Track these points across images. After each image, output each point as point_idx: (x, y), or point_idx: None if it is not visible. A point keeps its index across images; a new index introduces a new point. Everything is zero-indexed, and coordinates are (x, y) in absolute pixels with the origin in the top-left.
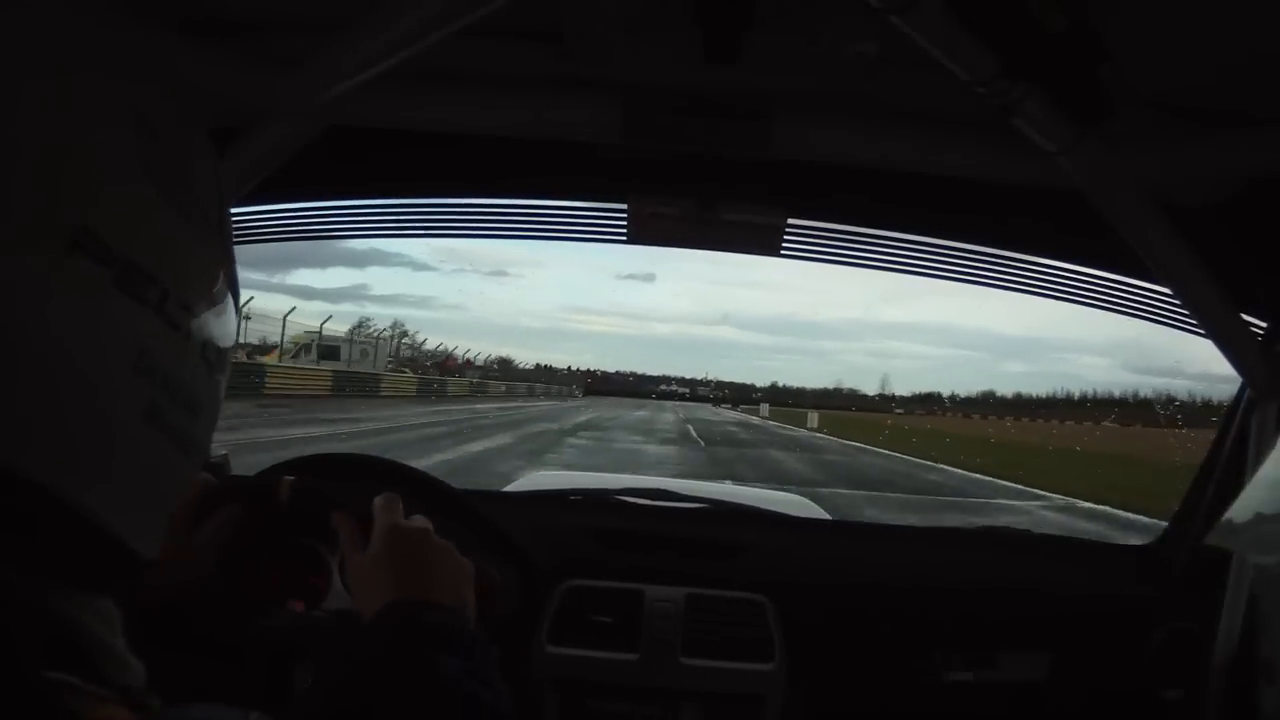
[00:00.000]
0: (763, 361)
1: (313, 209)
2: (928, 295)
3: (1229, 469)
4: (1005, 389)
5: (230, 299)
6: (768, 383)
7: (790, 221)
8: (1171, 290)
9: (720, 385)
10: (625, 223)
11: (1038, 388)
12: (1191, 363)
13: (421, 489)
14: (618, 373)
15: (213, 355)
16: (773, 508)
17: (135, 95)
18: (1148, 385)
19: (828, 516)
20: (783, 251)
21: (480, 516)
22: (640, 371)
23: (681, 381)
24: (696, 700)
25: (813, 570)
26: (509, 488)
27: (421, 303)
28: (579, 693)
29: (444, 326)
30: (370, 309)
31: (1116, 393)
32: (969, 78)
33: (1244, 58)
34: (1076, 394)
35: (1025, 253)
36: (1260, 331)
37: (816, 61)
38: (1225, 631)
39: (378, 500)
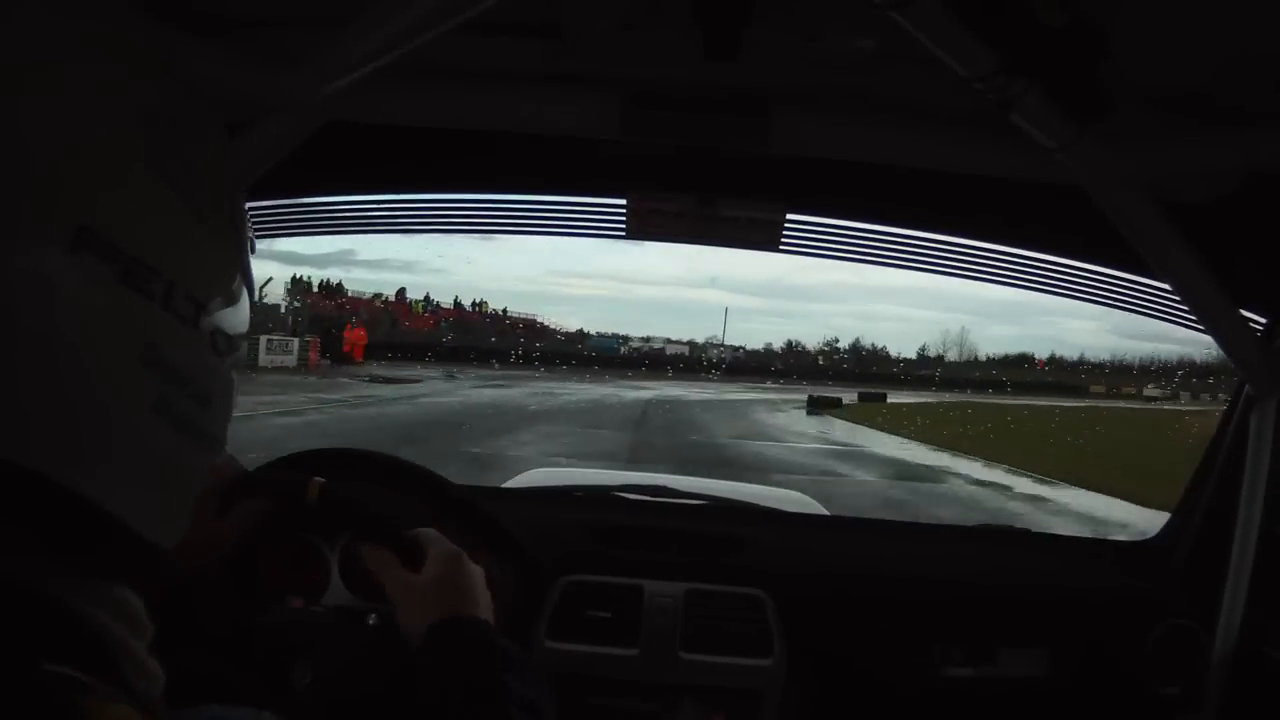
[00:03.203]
0: (750, 324)
1: (312, 204)
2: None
3: (1228, 465)
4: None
5: (243, 289)
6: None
7: (789, 217)
8: (1171, 286)
9: (737, 351)
10: (624, 218)
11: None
12: (1176, 328)
13: (423, 485)
14: (580, 331)
15: (223, 345)
16: (771, 504)
17: (141, 90)
18: (1135, 350)
19: (826, 512)
20: (782, 246)
21: (480, 512)
22: (626, 333)
23: (674, 345)
24: (696, 695)
25: (812, 566)
26: (508, 484)
27: (407, 267)
28: (578, 688)
29: (433, 291)
30: (356, 274)
31: (1106, 357)
32: (968, 73)
33: (1244, 54)
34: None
35: (1025, 248)
36: (1259, 328)
37: (816, 57)
38: (1225, 627)
39: (428, 531)
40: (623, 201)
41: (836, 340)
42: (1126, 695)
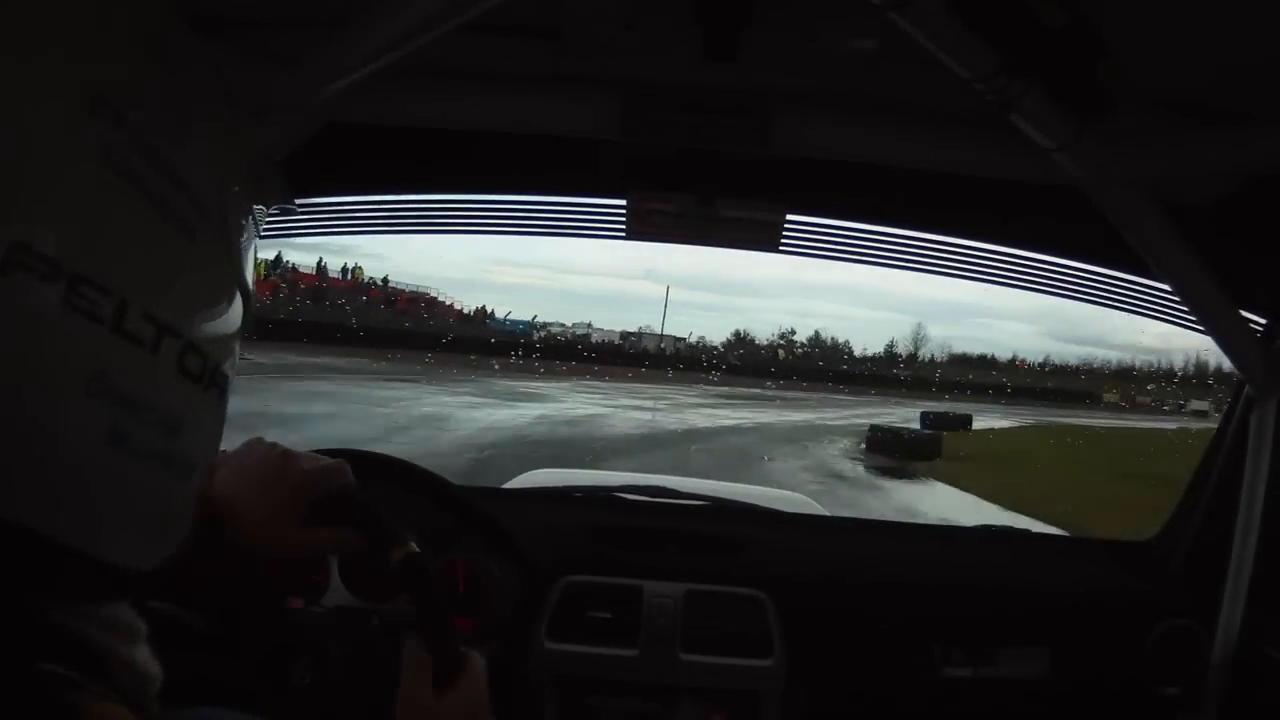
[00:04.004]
0: (683, 317)
1: (310, 205)
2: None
3: (1228, 465)
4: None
5: (231, 304)
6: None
7: (789, 217)
8: (1170, 287)
9: (678, 342)
10: (624, 219)
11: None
12: (1115, 333)
13: (422, 486)
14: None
15: (194, 366)
16: (771, 505)
17: (89, 72)
18: (1072, 354)
19: (826, 513)
20: (781, 247)
21: (480, 513)
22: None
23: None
24: (695, 696)
25: (811, 566)
26: (508, 484)
27: (344, 250)
28: (578, 689)
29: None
30: (292, 256)
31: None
32: (968, 74)
33: (1243, 55)
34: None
35: (1024, 249)
36: (1259, 329)
37: (815, 58)
38: (1224, 628)
39: (477, 658)
40: (622, 202)
41: (793, 332)
42: (1126, 696)
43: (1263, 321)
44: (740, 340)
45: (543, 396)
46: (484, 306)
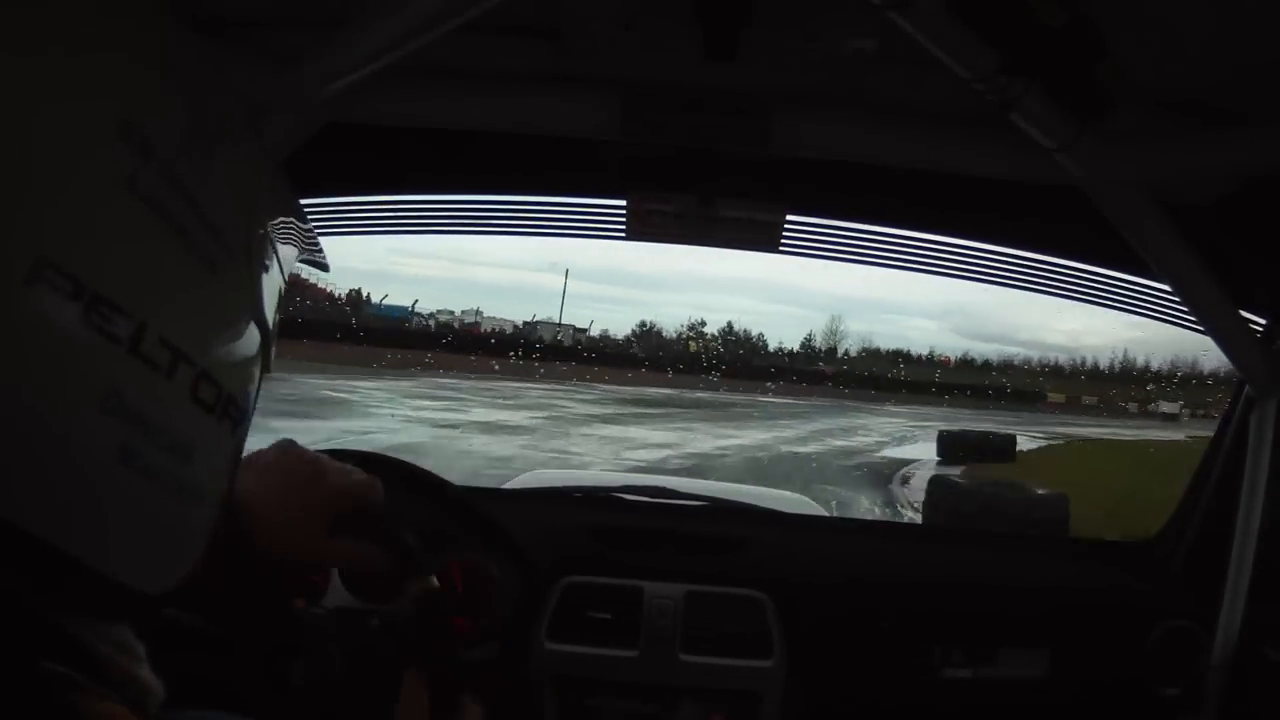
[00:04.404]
0: (584, 310)
1: (311, 205)
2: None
3: (1228, 466)
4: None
5: (244, 331)
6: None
7: (789, 217)
8: (1170, 287)
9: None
10: (624, 219)
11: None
12: (1020, 330)
13: (421, 486)
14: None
15: (208, 395)
16: (771, 505)
17: (123, 102)
18: (978, 350)
19: (826, 514)
20: (781, 247)
21: (479, 514)
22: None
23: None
24: (695, 696)
25: (811, 567)
26: (508, 485)
27: None
28: (578, 689)
29: None
30: None
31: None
32: (968, 74)
33: (1244, 56)
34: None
35: (1024, 249)
36: (1259, 329)
37: (815, 58)
38: (1225, 628)
39: (472, 706)
40: (622, 202)
41: (704, 324)
42: (1127, 696)
43: (1263, 321)
44: (646, 331)
45: (343, 405)
46: (359, 290)
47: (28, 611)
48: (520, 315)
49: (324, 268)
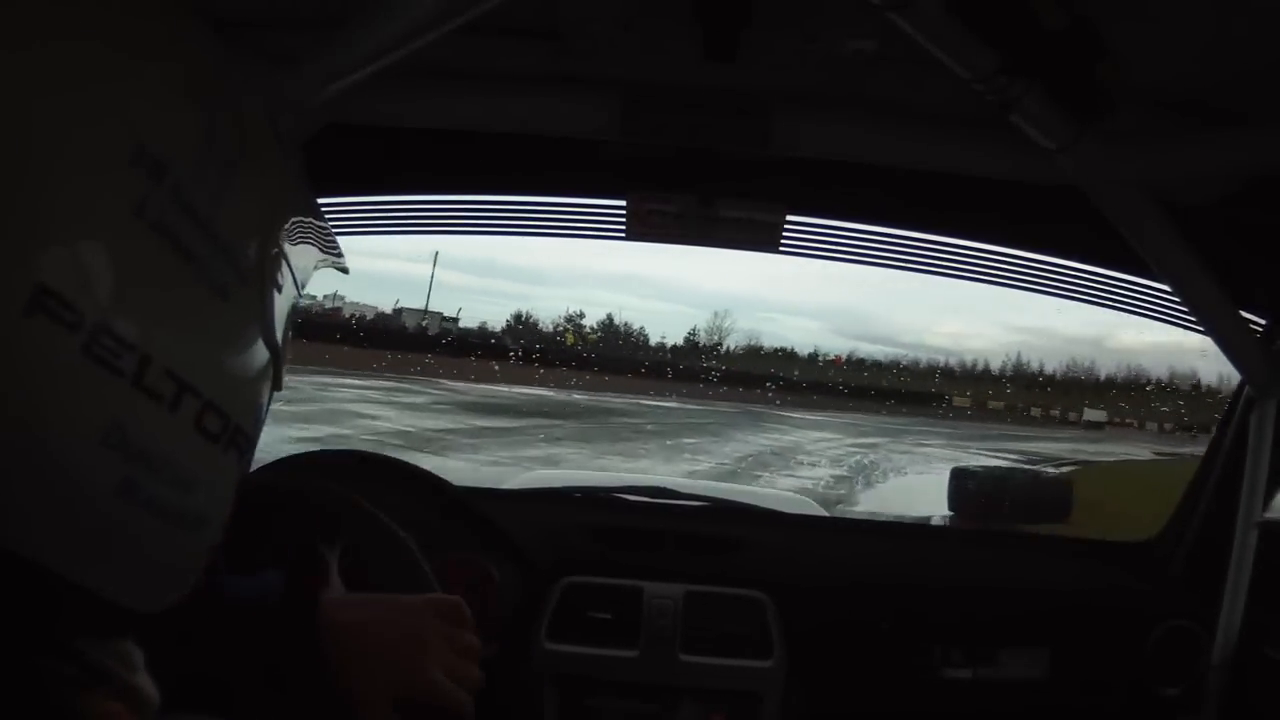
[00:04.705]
0: (466, 303)
1: None
2: (635, 246)
3: (1228, 466)
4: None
5: (254, 359)
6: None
7: (789, 217)
8: (1170, 288)
9: (448, 322)
10: (624, 219)
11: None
12: (903, 333)
13: (421, 487)
14: None
15: (213, 426)
16: (771, 506)
17: (133, 123)
18: (864, 351)
19: (826, 514)
20: (781, 247)
21: (479, 514)
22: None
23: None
24: (695, 697)
25: (812, 567)
26: (508, 485)
27: None
28: (578, 689)
29: None
30: None
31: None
32: (968, 75)
33: (1244, 56)
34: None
35: (1024, 249)
36: (1259, 329)
37: (815, 59)
38: (1225, 628)
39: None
40: (622, 202)
41: (581, 315)
42: (1127, 696)
43: (1263, 321)
44: (521, 323)
45: None
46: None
47: (30, 625)
48: (387, 303)
49: (344, 270)
